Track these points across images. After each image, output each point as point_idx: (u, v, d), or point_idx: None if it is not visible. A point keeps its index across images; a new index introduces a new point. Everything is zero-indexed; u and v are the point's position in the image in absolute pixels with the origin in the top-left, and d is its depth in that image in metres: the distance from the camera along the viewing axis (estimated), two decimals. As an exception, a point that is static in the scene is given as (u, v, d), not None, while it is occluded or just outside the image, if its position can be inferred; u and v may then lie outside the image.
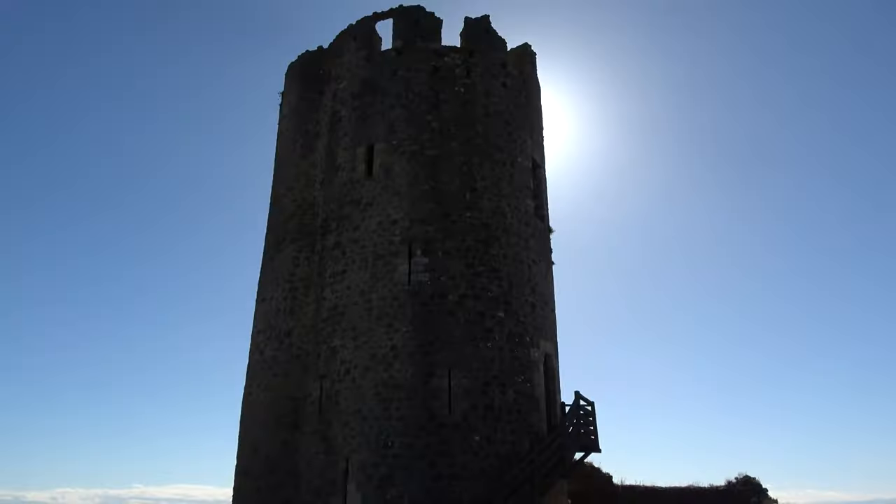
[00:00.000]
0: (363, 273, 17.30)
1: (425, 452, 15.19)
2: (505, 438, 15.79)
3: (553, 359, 18.25)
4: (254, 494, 18.14)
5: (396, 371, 15.99)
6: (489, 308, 16.74)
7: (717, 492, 24.54)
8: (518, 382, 16.51)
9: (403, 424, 15.50)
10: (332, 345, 17.28)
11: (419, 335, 16.20)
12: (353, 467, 15.64)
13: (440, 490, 14.88)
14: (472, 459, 15.27)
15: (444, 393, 15.71)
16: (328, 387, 16.97)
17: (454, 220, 17.41)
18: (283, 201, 21.64)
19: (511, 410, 16.16)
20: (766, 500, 22.90)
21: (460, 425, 15.48)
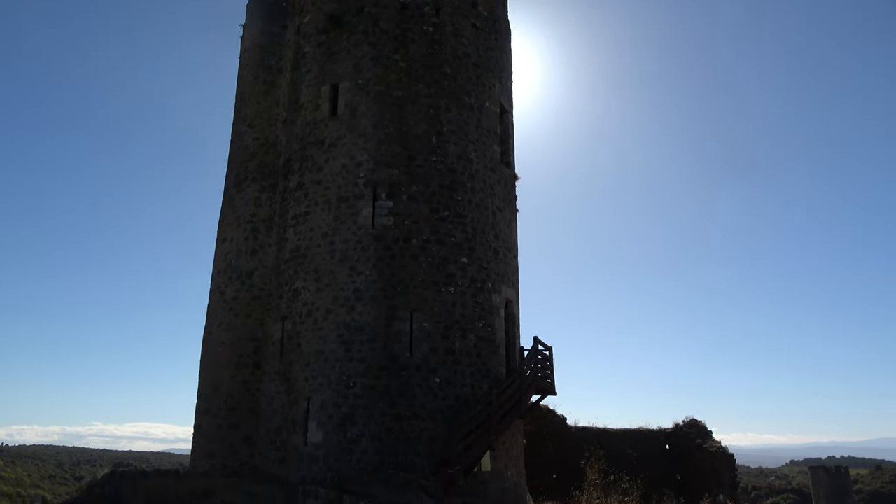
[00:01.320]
0: (326, 215, 17.12)
1: (386, 393, 15.45)
2: (464, 381, 16.13)
3: (514, 304, 18.54)
4: (214, 432, 18.30)
5: (359, 314, 16.06)
6: (453, 253, 16.80)
7: (664, 434, 25.66)
8: (479, 327, 16.76)
9: (365, 366, 15.68)
10: (294, 286, 17.21)
11: (382, 279, 16.22)
12: (315, 407, 15.83)
13: (400, 430, 15.22)
14: (432, 401, 15.59)
15: (406, 336, 15.88)
16: (290, 328, 16.98)
17: (419, 164, 17.23)
18: (244, 139, 21.11)
19: (471, 354, 16.45)
20: (710, 442, 24.04)
21: (421, 368, 15.73)
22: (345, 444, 15.27)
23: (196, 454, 18.84)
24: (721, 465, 22.85)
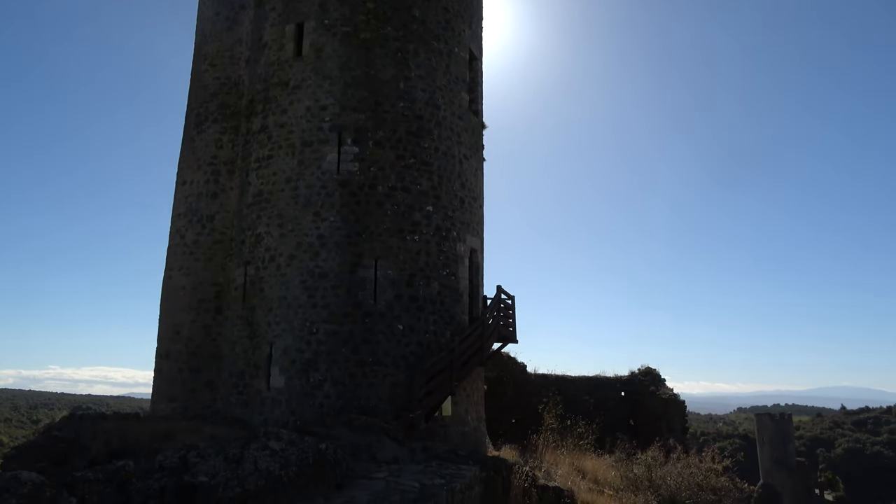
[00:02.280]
0: (290, 159, 16.78)
1: (349, 339, 15.52)
2: (427, 328, 16.28)
3: (478, 253, 18.63)
4: (175, 376, 18.23)
5: (323, 260, 15.96)
6: (418, 201, 16.71)
7: (620, 381, 26.50)
8: (443, 275, 16.84)
9: (328, 312, 15.68)
10: (256, 231, 16.97)
11: (347, 225, 16.09)
12: (278, 352, 15.85)
13: (363, 375, 15.36)
14: (395, 347, 15.73)
15: (370, 283, 15.88)
16: (252, 273, 16.82)
17: (386, 109, 16.92)
18: (204, 78, 20.39)
19: (435, 302, 16.57)
20: (663, 389, 24.93)
21: (385, 314, 15.80)
22: (308, 388, 15.38)
23: (157, 398, 18.79)
24: (672, 411, 23.76)
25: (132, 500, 6.14)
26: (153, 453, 7.50)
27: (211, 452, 7.02)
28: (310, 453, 7.12)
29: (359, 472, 8.16)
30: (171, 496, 6.03)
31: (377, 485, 7.66)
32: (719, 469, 16.48)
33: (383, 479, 8.01)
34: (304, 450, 7.16)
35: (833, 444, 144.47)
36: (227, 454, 6.84)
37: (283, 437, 7.30)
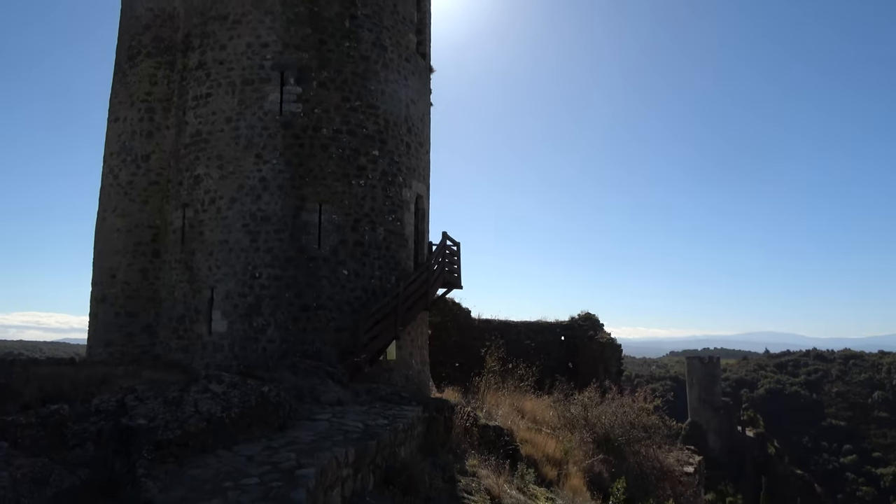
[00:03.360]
0: (230, 98, 16.16)
1: (293, 284, 15.38)
2: (373, 273, 16.26)
3: (424, 200, 18.57)
4: (112, 321, 17.75)
5: (265, 204, 15.62)
6: (364, 145, 16.42)
7: (561, 326, 27.26)
8: (389, 221, 16.75)
9: (271, 256, 15.45)
10: (195, 173, 16.42)
11: (290, 168, 15.72)
12: (219, 297, 15.59)
13: (307, 320, 15.31)
14: (340, 292, 15.69)
15: (315, 227, 15.67)
16: (191, 216, 16.35)
17: (331, 48, 16.38)
18: (136, 8, 19.20)
19: (380, 247, 16.51)
20: (601, 333, 25.78)
21: (329, 259, 15.68)
22: (251, 333, 15.26)
23: (93, 343, 18.30)
24: (609, 355, 24.67)
25: (68, 444, 6.02)
26: (89, 398, 7.35)
27: (150, 395, 6.92)
28: (252, 395, 7.11)
29: (302, 414, 8.21)
30: (108, 439, 5.94)
31: (321, 425, 7.73)
32: (650, 408, 17.31)
33: (327, 421, 8.09)
34: (247, 392, 7.14)
35: (756, 385, 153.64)
36: (167, 397, 6.76)
37: (225, 380, 7.26)
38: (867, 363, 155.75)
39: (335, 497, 6.11)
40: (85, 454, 5.79)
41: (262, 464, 5.95)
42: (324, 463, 5.88)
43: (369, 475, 7.06)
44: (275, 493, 5.13)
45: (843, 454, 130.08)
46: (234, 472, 5.72)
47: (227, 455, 6.22)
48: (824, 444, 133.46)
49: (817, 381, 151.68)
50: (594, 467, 13.60)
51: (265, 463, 5.97)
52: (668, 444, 18.28)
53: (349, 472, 6.48)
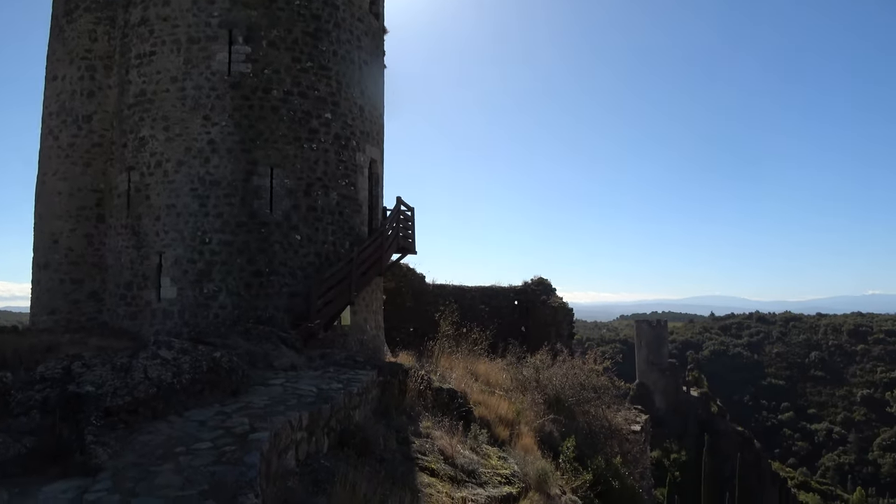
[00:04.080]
0: (175, 57, 15.57)
1: (245, 249, 15.14)
2: (326, 238, 16.12)
3: (378, 164, 18.40)
4: (56, 288, 17.21)
5: (214, 167, 15.24)
6: (316, 108, 16.10)
7: (514, 291, 27.63)
8: (342, 185, 16.57)
9: (222, 221, 15.15)
10: (140, 135, 15.87)
11: (240, 131, 15.34)
12: (168, 262, 15.25)
13: (260, 285, 15.14)
14: (293, 257, 15.53)
15: (266, 192, 15.40)
16: (137, 180, 15.85)
17: (281, 6, 15.88)
18: (73, -40, 18.21)
19: (334, 212, 16.35)
20: (553, 298, 26.25)
21: (282, 224, 15.47)
22: (201, 299, 15.01)
23: (36, 310, 17.74)
24: (561, 319, 25.19)
25: (12, 412, 5.89)
26: (34, 366, 7.16)
27: (97, 362, 6.79)
28: (203, 361, 7.04)
29: (256, 380, 8.18)
30: (54, 406, 5.82)
31: (274, 390, 7.72)
32: (600, 370, 17.80)
33: (280, 385, 8.08)
34: (198, 358, 7.06)
35: (701, 346, 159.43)
36: (115, 364, 6.64)
37: (175, 346, 7.16)
38: (806, 325, 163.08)
39: (289, 460, 6.15)
40: (31, 422, 5.67)
41: (214, 429, 5.93)
42: (277, 427, 5.90)
43: (324, 438, 7.12)
44: (228, 457, 5.14)
45: (781, 411, 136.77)
46: (186, 437, 5.70)
47: (179, 421, 6.18)
48: (764, 402, 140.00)
49: (759, 342, 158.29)
50: (545, 427, 13.97)
51: (218, 428, 5.95)
52: (617, 404, 18.86)
53: (303, 435, 6.51)
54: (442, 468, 8.52)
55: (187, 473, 4.83)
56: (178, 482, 4.68)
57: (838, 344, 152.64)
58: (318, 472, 6.32)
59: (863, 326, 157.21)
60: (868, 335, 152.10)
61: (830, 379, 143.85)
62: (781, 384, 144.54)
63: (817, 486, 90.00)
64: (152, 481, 4.71)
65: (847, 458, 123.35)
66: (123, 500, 4.39)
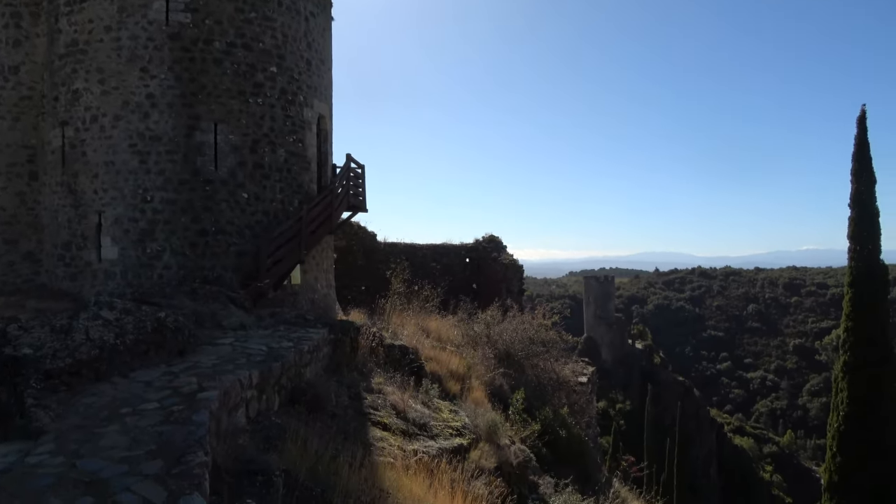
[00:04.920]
0: (108, 5, 14.74)
1: (189, 208, 14.72)
2: (274, 196, 15.81)
3: (326, 120, 18.01)
4: (-13, 249, 16.45)
5: (154, 122, 14.65)
6: (261, 61, 15.57)
7: (465, 248, 27.80)
8: (290, 142, 16.19)
9: (164, 179, 14.65)
10: (73, 87, 15.09)
11: (181, 84, 14.73)
12: (108, 222, 14.73)
13: (206, 245, 14.79)
14: (240, 216, 15.19)
15: (210, 148, 14.92)
16: (72, 135, 15.13)
17: (222, -47, 15.15)
18: None
19: (282, 169, 16.00)
20: (504, 255, 26.54)
21: (227, 182, 15.06)
22: (145, 259, 14.60)
23: (-33, 273, 16.95)
24: (511, 275, 25.53)
25: (-56, 377, 5.66)
26: (-34, 329, 6.88)
27: (35, 325, 6.57)
28: (148, 321, 6.88)
29: (203, 340, 8.07)
30: (-10, 370, 5.63)
31: (223, 350, 7.64)
32: (548, 324, 18.20)
33: (229, 345, 7.99)
34: (142, 318, 6.90)
35: (646, 301, 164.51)
36: (55, 325, 6.44)
37: (118, 307, 6.97)
38: (744, 279, 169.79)
39: (240, 418, 6.13)
40: (-36, 387, 5.48)
41: (161, 389, 5.84)
42: (226, 385, 5.85)
43: (275, 396, 7.11)
44: (176, 417, 5.08)
45: (720, 361, 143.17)
46: (132, 398, 5.60)
47: (124, 382, 6.07)
48: (704, 353, 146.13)
49: (700, 296, 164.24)
50: (495, 381, 14.28)
51: (165, 388, 5.87)
52: (565, 358, 19.39)
53: (253, 393, 6.49)
54: (394, 422, 8.64)
55: (134, 434, 4.77)
56: (125, 443, 4.62)
57: (774, 297, 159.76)
58: (269, 429, 6.33)
59: (797, 280, 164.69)
60: (801, 288, 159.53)
61: (766, 330, 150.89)
62: (721, 336, 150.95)
63: (751, 430, 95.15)
64: (97, 443, 4.64)
65: (779, 403, 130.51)
66: (68, 462, 4.32)
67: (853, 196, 17.71)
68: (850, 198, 17.75)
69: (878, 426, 15.72)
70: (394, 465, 6.99)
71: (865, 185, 17.56)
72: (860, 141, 17.75)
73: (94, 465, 4.27)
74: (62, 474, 4.13)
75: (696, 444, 69.35)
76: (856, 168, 17.69)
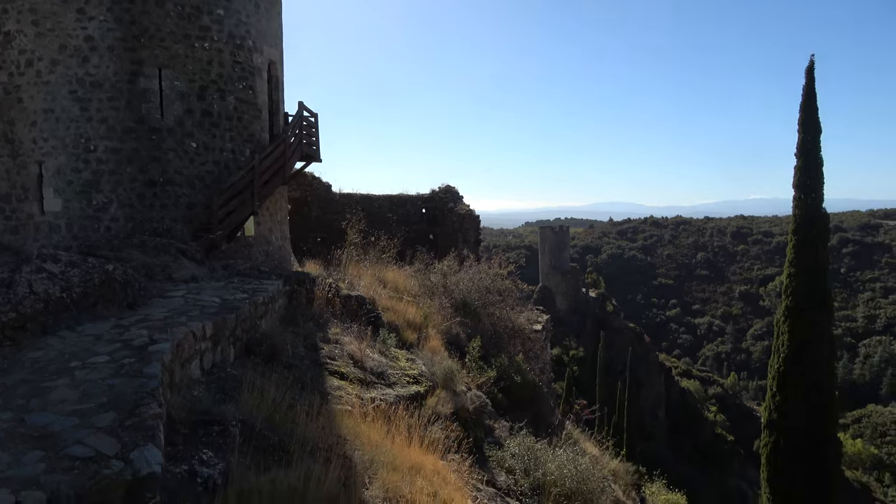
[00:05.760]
0: (39, -61, 13.80)
1: (135, 158, 14.21)
2: (224, 146, 15.37)
3: (277, 66, 17.44)
4: (-81, 201, 15.65)
5: (94, 67, 13.96)
6: (206, 2, 14.87)
7: (422, 199, 27.68)
8: (239, 89, 15.66)
9: (107, 127, 14.07)
10: (4, 29, 14.21)
11: (122, 27, 14.01)
12: (49, 172, 14.14)
13: (154, 196, 14.37)
14: (189, 166, 14.75)
15: (155, 95, 14.34)
16: (6, 80, 14.33)
17: None
18: None
19: (231, 118, 15.52)
20: (460, 205, 26.53)
21: (175, 130, 14.56)
22: (90, 211, 14.12)
23: None
24: (468, 226, 25.61)
25: None
26: None
27: (-26, 279, 6.32)
28: (95, 274, 6.69)
29: (154, 292, 7.92)
30: (-72, 326, 5.43)
31: (175, 302, 7.51)
32: (504, 274, 18.43)
33: (182, 297, 7.86)
34: (88, 271, 6.70)
35: (600, 250, 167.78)
36: (-5, 279, 6.21)
37: (63, 259, 6.75)
38: (694, 228, 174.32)
39: (194, 370, 6.08)
40: None
41: (111, 342, 5.74)
42: (179, 337, 5.78)
43: (230, 347, 7.06)
44: (127, 370, 5.01)
45: (669, 308, 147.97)
46: (81, 351, 5.49)
47: (72, 336, 5.93)
48: (654, 300, 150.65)
49: (652, 245, 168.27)
50: (452, 329, 14.47)
51: (115, 341, 5.76)
52: (520, 306, 19.71)
53: (208, 345, 6.43)
54: (351, 371, 8.71)
55: (84, 388, 4.69)
56: (75, 396, 4.55)
57: (722, 245, 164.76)
58: (224, 380, 6.31)
59: (744, 228, 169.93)
60: (748, 236, 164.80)
61: (714, 277, 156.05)
62: (671, 283, 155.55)
63: (697, 373, 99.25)
64: (46, 397, 4.55)
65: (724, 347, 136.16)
66: (16, 417, 4.23)
67: (799, 145, 18.17)
68: (797, 147, 18.21)
69: (815, 367, 16.57)
70: (351, 413, 7.07)
71: (811, 135, 18.00)
72: (808, 91, 18.11)
73: (43, 418, 4.20)
74: (10, 429, 4.05)
75: (645, 387, 72.11)
76: (803, 118, 18.10)
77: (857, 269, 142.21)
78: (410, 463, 6.25)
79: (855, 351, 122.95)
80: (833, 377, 17.14)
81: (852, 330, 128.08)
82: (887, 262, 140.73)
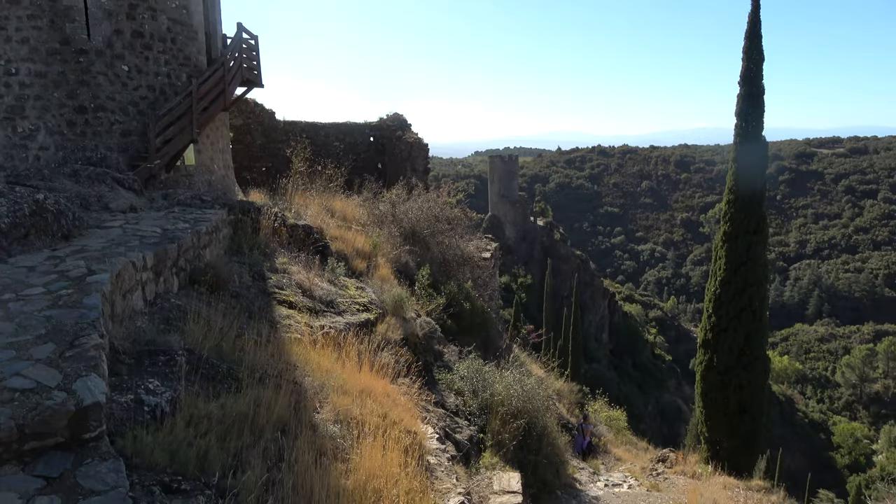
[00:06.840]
0: None
1: (62, 82, 13.37)
2: (159, 70, 14.59)
3: (213, -16, 16.46)
4: None
5: (9, -19, 12.88)
6: (131, -89, 13.77)
7: (370, 127, 27.13)
8: (172, 8, 14.75)
9: (29, 48, 13.13)
10: None
11: (36, -64, 12.88)
12: (-33, 97, 13.19)
13: (85, 123, 13.63)
14: (121, 91, 13.99)
15: (80, 13, 13.38)
16: None
17: None
18: None
19: (165, 39, 14.67)
20: (409, 134, 26.13)
21: (104, 52, 13.69)
22: (16, 140, 13.33)
23: None
24: (416, 154, 25.31)
25: None
26: None
27: None
28: (25, 204, 6.37)
29: (90, 223, 7.61)
30: None
31: (113, 233, 7.25)
32: (454, 203, 18.42)
33: (120, 227, 7.59)
34: (17, 201, 6.38)
35: (548, 179, 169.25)
36: (-86, 210, 5.85)
37: (-13, 189, 6.39)
38: (640, 157, 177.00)
39: (136, 301, 5.95)
40: None
41: (46, 273, 5.54)
42: (119, 267, 5.61)
43: (173, 278, 6.92)
44: (65, 301, 4.86)
45: (614, 236, 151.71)
46: (14, 283, 5.29)
47: (3, 267, 5.69)
48: (600, 228, 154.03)
49: (599, 174, 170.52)
50: (401, 258, 14.51)
51: (50, 272, 5.56)
52: (469, 235, 19.84)
53: (149, 275, 6.28)
54: (300, 300, 8.69)
55: (20, 320, 4.54)
56: (10, 329, 4.40)
57: (666, 174, 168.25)
58: (169, 311, 6.21)
59: (687, 157, 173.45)
60: (691, 165, 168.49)
61: (657, 205, 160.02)
62: (616, 211, 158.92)
63: (640, 297, 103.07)
64: (-21, 330, 4.39)
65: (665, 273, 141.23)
66: (-53, 351, 4.09)
67: (743, 73, 18.35)
68: (740, 75, 18.41)
69: (748, 289, 17.36)
70: (301, 341, 7.10)
71: (755, 63, 18.19)
72: (753, 19, 18.17)
73: (-23, 352, 4.07)
74: (-58, 363, 3.91)
75: (590, 312, 74.58)
76: (747, 46, 18.23)
77: (791, 196, 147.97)
78: (361, 387, 6.35)
79: (786, 274, 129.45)
80: (765, 299, 18.00)
81: (784, 254, 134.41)
82: (819, 188, 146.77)
